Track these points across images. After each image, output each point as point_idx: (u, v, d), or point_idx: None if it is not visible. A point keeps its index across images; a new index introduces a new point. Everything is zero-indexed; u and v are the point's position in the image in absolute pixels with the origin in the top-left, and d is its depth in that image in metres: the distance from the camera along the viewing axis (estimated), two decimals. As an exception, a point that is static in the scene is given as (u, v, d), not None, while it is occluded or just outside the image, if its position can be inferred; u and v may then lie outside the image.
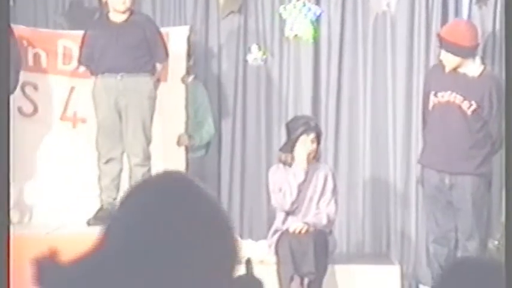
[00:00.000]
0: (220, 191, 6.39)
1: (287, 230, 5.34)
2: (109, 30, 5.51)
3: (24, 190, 5.80)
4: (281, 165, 5.51)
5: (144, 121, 5.53)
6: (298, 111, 6.25)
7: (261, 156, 6.36)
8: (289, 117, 6.09)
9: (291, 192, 5.44)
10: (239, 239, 1.80)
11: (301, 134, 5.38)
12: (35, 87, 5.85)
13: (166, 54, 5.64)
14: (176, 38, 5.87)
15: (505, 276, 1.72)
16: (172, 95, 5.83)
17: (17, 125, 5.62)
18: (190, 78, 5.97)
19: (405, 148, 6.19)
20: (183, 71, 5.93)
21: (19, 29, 5.69)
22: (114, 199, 5.59)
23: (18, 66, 5.51)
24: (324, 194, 5.46)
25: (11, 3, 6.23)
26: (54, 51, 5.87)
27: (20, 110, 5.81)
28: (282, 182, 5.47)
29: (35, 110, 5.87)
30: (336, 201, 5.53)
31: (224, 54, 6.40)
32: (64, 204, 5.74)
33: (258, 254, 5.86)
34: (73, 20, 6.25)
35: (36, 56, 5.85)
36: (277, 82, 6.41)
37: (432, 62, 6.06)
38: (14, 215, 5.67)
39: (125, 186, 5.63)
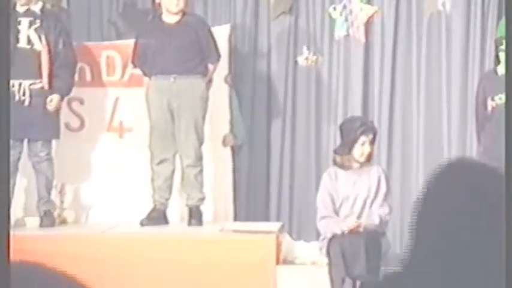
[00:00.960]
0: (270, 192, 6.46)
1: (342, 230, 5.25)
2: (162, 31, 5.60)
3: (80, 192, 5.94)
4: (335, 169, 5.43)
5: (196, 122, 5.62)
6: (348, 112, 6.28)
7: (311, 156, 6.41)
8: (339, 119, 6.13)
9: (345, 195, 5.40)
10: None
11: (360, 135, 5.29)
12: (81, 102, 5.97)
13: (218, 55, 5.72)
14: (217, 38, 5.96)
15: (505, 276, 1.73)
16: (215, 95, 5.91)
17: (65, 141, 5.78)
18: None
19: (460, 150, 6.19)
20: (225, 71, 6.01)
21: None
22: (167, 199, 5.69)
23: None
24: (377, 196, 5.43)
25: (65, 5, 6.39)
26: (98, 63, 5.99)
27: (67, 125, 5.94)
28: (335, 187, 5.43)
29: (82, 124, 6.00)
30: (389, 203, 5.50)
31: (274, 54, 6.46)
32: (118, 204, 5.86)
33: (309, 255, 5.92)
34: (127, 21, 6.36)
35: (81, 71, 5.97)
36: (327, 83, 6.45)
37: (488, 61, 6.05)
38: (69, 215, 5.81)
39: (176, 187, 5.73)
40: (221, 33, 5.99)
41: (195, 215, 5.66)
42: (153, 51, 5.59)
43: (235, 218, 6.06)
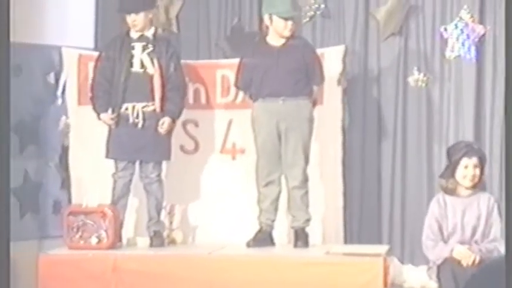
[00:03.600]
0: (381, 214, 6.55)
1: (451, 256, 5.28)
2: (269, 54, 5.81)
3: (188, 212, 6.18)
4: (443, 196, 5.39)
5: (303, 143, 5.79)
6: (459, 134, 6.32)
7: (422, 179, 6.46)
8: (451, 141, 6.18)
9: (454, 223, 5.39)
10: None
11: (462, 157, 5.29)
12: (196, 124, 6.23)
13: (322, 78, 5.89)
14: (331, 59, 6.11)
15: (505, 276, 1.74)
16: (328, 117, 6.06)
17: (178, 163, 6.04)
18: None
19: None
20: (339, 92, 6.15)
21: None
22: (273, 221, 5.87)
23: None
24: (487, 226, 5.36)
25: (175, 30, 6.68)
26: (213, 84, 6.23)
27: (182, 148, 6.20)
28: (444, 214, 5.42)
29: (196, 146, 6.24)
30: (499, 233, 5.31)
31: (384, 76, 6.57)
32: (226, 226, 6.09)
33: (418, 279, 5.99)
34: (234, 44, 6.61)
35: (196, 92, 6.23)
36: (438, 104, 6.50)
37: None
38: (178, 236, 6.07)
39: (283, 209, 5.90)
40: (335, 55, 6.16)
41: (301, 237, 5.82)
42: (260, 74, 5.79)
43: (346, 241, 6.17)
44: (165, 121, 5.82)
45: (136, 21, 5.82)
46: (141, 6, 5.86)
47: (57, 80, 6.86)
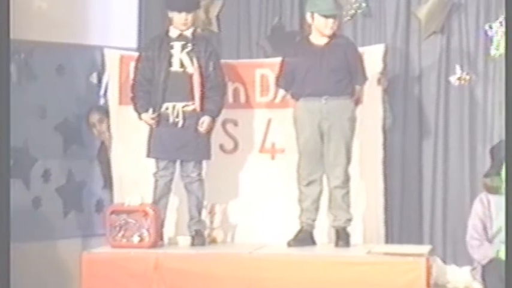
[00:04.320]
0: (423, 214, 6.53)
1: (497, 256, 5.25)
2: (311, 53, 5.82)
3: (229, 211, 6.21)
4: (487, 195, 5.39)
5: (346, 143, 5.80)
6: (503, 134, 6.26)
7: (465, 178, 6.44)
8: (494, 140, 6.13)
9: (497, 223, 5.34)
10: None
11: None
12: (235, 123, 6.26)
13: (365, 77, 5.89)
14: (372, 58, 6.10)
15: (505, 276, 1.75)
16: (369, 116, 6.04)
17: (218, 162, 6.08)
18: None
19: None
20: (379, 91, 6.14)
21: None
22: (314, 220, 5.88)
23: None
24: None
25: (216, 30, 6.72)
26: (252, 83, 6.25)
27: (221, 147, 6.24)
28: (488, 214, 5.39)
29: (236, 146, 6.27)
30: None
31: (425, 74, 6.55)
32: (266, 225, 6.11)
33: (462, 279, 5.96)
34: (275, 44, 6.63)
35: (235, 92, 6.26)
36: (481, 103, 6.46)
37: None
38: (219, 235, 6.11)
39: (324, 208, 5.91)
40: (375, 53, 6.15)
41: (342, 237, 5.82)
42: (303, 73, 5.80)
43: (387, 241, 6.16)
44: (205, 120, 5.86)
45: (187, 20, 5.86)
46: (193, 6, 5.92)
47: (99, 80, 6.95)
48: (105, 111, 6.50)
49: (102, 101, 6.80)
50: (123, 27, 7.02)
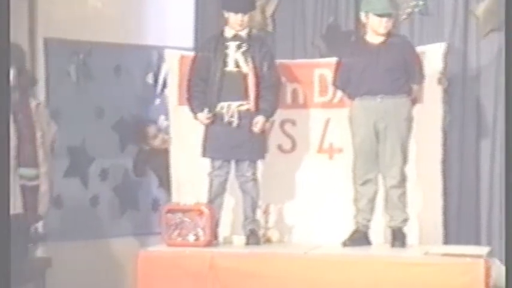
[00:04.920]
0: (480, 215, 6.45)
1: None
2: (368, 52, 5.80)
3: (284, 211, 6.22)
4: None
5: (402, 143, 5.77)
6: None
7: (524, 178, 6.34)
8: (555, 139, 6.02)
9: None
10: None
11: None
12: (293, 123, 6.28)
13: (422, 76, 5.85)
14: (432, 57, 6.04)
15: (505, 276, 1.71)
16: (428, 116, 5.99)
17: (275, 162, 6.10)
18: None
19: None
20: (439, 91, 6.08)
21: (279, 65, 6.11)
22: (369, 221, 5.86)
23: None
24: None
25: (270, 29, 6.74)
26: (310, 83, 6.27)
27: (279, 147, 6.26)
28: None
29: (293, 145, 6.28)
30: None
31: (484, 73, 6.47)
32: (321, 225, 6.11)
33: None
34: (330, 43, 6.61)
35: (294, 92, 6.28)
36: (542, 102, 6.36)
37: None
38: (274, 235, 6.12)
39: (379, 208, 5.88)
40: (436, 52, 6.10)
41: (398, 237, 5.78)
42: (359, 72, 5.79)
43: (445, 242, 6.11)
44: (259, 120, 5.88)
45: (243, 21, 5.89)
46: (250, 7, 5.95)
47: (155, 80, 7.01)
48: (161, 128, 6.58)
49: (158, 101, 6.86)
50: (180, 27, 7.07)
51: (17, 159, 5.45)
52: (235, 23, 5.93)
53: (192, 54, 6.29)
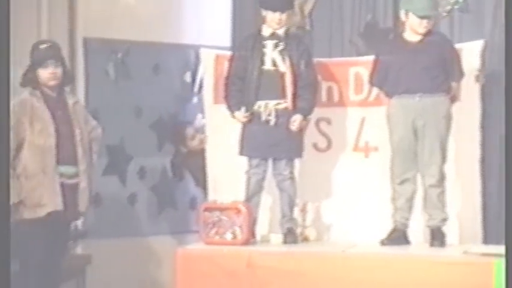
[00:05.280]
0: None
1: None
2: (406, 50, 5.78)
3: (322, 210, 6.22)
4: None
5: (441, 141, 5.74)
6: None
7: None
8: None
9: None
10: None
11: None
12: (329, 122, 6.27)
13: (462, 74, 5.81)
14: (470, 54, 6.00)
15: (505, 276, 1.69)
16: (466, 114, 5.95)
17: (311, 161, 6.10)
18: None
19: None
20: (477, 89, 6.04)
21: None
22: (407, 219, 5.83)
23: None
24: None
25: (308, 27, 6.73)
26: (345, 81, 6.25)
27: (315, 146, 6.26)
28: None
29: (329, 144, 6.28)
30: None
31: (525, 71, 6.40)
32: (359, 224, 6.09)
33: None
34: (368, 41, 6.59)
35: (329, 90, 6.27)
36: None
37: None
38: (311, 233, 6.12)
39: (418, 208, 5.85)
40: (473, 50, 6.07)
41: (437, 236, 5.75)
42: (397, 70, 5.76)
43: (484, 241, 6.07)
44: (297, 118, 5.87)
45: (281, 19, 5.90)
46: (288, 5, 5.96)
47: (193, 79, 7.04)
48: (198, 128, 6.60)
49: (195, 100, 6.89)
50: (217, 26, 7.09)
51: (57, 156, 5.50)
52: (272, 22, 5.93)
53: (227, 53, 6.31)
